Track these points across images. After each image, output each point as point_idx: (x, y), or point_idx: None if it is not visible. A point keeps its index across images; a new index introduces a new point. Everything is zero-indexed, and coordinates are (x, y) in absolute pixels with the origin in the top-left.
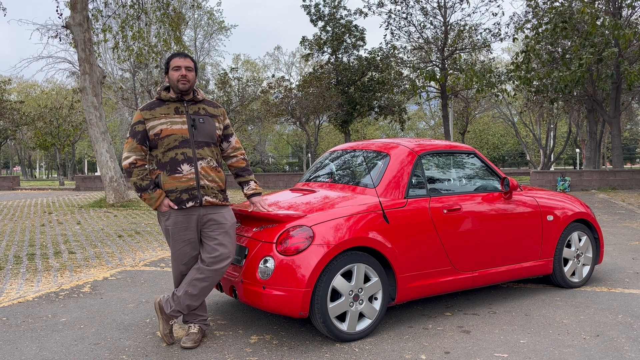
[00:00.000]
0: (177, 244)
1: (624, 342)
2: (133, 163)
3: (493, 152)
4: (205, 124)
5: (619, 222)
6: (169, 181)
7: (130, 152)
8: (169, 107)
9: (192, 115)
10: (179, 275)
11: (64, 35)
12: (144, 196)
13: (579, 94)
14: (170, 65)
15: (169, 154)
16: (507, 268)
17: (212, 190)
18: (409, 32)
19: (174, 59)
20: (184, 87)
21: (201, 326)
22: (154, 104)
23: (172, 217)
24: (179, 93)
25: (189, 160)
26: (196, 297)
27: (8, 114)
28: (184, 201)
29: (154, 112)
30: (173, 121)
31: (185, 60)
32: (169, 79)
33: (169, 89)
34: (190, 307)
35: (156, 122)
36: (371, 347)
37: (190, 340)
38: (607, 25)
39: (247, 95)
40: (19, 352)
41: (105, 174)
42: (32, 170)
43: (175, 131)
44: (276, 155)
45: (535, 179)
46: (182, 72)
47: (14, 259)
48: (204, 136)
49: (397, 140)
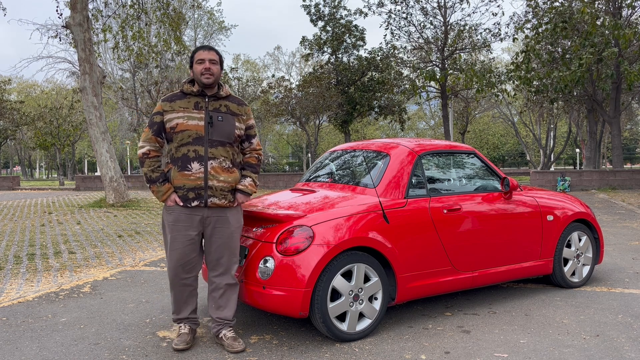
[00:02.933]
0: (176, 243)
1: (624, 342)
2: (146, 153)
3: (493, 152)
4: (224, 122)
5: (619, 222)
6: (178, 177)
7: (145, 142)
8: (190, 101)
9: (212, 112)
10: (176, 279)
11: (64, 35)
12: (152, 188)
13: (579, 94)
14: (194, 59)
15: (182, 149)
16: (507, 268)
17: (222, 192)
18: (409, 32)
19: (198, 51)
20: (207, 81)
21: (191, 326)
22: (176, 95)
23: (175, 214)
24: (202, 87)
25: (199, 158)
26: (232, 306)
27: (8, 114)
28: (190, 200)
29: (174, 105)
30: (190, 116)
31: (210, 53)
32: (194, 73)
33: (194, 82)
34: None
35: (174, 115)
36: (371, 347)
37: (182, 342)
38: (607, 25)
39: (247, 95)
40: (19, 352)
41: (105, 174)
42: (32, 170)
43: (190, 127)
44: (276, 155)
45: (535, 179)
46: (206, 65)
47: (14, 259)
48: (220, 135)
49: (397, 140)
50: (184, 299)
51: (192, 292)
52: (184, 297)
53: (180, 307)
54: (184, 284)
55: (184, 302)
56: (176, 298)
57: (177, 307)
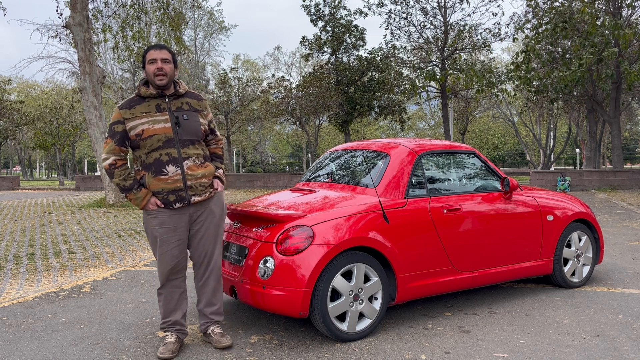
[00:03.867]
0: (165, 246)
1: (624, 342)
2: (112, 164)
3: (493, 152)
4: (190, 120)
5: (619, 222)
6: (155, 183)
7: (109, 154)
8: (150, 104)
9: (175, 112)
10: (168, 281)
11: (64, 35)
12: (129, 196)
13: (579, 94)
14: (146, 59)
15: (153, 154)
16: (507, 268)
17: (202, 187)
18: (409, 32)
19: (149, 51)
20: (161, 82)
21: (179, 335)
22: (133, 101)
23: (160, 217)
24: (158, 89)
25: (174, 161)
26: (220, 303)
27: (8, 114)
28: (172, 202)
29: (134, 111)
30: (155, 120)
31: (161, 51)
32: (146, 74)
33: (148, 84)
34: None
35: (137, 122)
36: (371, 347)
37: (167, 350)
38: (607, 25)
39: (247, 95)
40: (19, 352)
41: (105, 174)
42: (32, 170)
43: (158, 131)
44: (276, 155)
45: (535, 179)
46: (158, 65)
47: (14, 259)
48: (189, 134)
49: (397, 140)
50: (175, 301)
51: (183, 295)
52: (175, 300)
53: (170, 310)
54: (174, 286)
55: (175, 304)
56: (166, 301)
57: (167, 311)
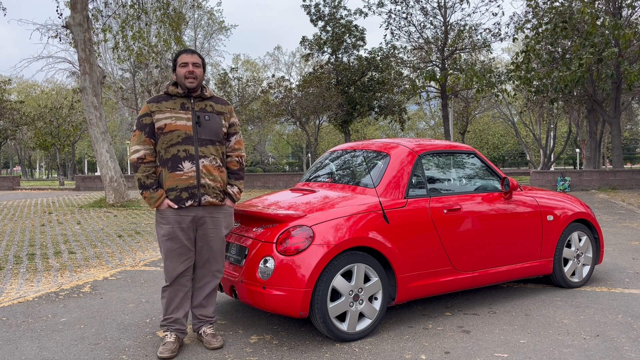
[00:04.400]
0: (174, 243)
1: (624, 342)
2: (142, 158)
3: (493, 152)
4: (211, 121)
5: (619, 222)
6: (170, 179)
7: (139, 146)
8: (176, 102)
9: (198, 112)
10: (175, 280)
11: (64, 35)
12: (144, 194)
13: (579, 94)
14: (177, 62)
15: (171, 150)
16: (507, 268)
17: (214, 190)
18: (409, 32)
19: (181, 55)
20: (191, 85)
21: (178, 335)
22: (161, 97)
23: (170, 217)
24: (186, 90)
25: (190, 157)
26: (214, 304)
27: (8, 114)
28: (184, 200)
29: (160, 106)
30: (178, 116)
31: (193, 56)
32: (177, 76)
33: (177, 85)
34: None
35: (162, 116)
36: (371, 347)
37: (167, 350)
38: (607, 25)
39: (247, 95)
40: (19, 352)
41: (105, 174)
42: (32, 170)
43: (179, 127)
44: (276, 155)
45: (535, 179)
46: (190, 69)
47: (14, 259)
48: (209, 134)
49: (397, 140)
50: (179, 299)
51: (187, 294)
52: (179, 298)
53: (173, 308)
54: (181, 284)
55: (179, 302)
56: (170, 298)
57: (169, 308)
